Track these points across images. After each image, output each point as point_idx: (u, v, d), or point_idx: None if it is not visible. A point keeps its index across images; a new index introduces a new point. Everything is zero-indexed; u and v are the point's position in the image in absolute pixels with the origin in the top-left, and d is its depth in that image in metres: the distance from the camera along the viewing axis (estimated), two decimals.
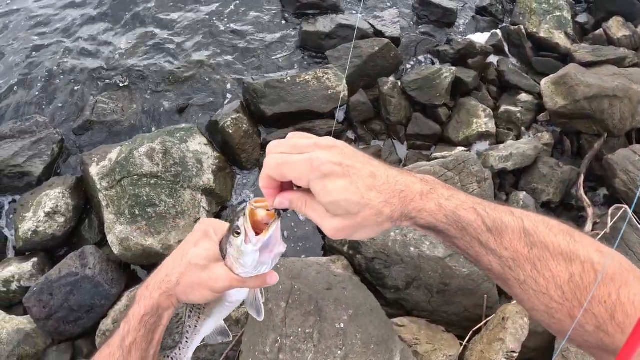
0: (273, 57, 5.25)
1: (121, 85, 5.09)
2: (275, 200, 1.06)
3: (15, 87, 5.21)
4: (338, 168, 0.95)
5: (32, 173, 4.40)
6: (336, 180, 0.94)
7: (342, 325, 3.08)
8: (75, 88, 5.11)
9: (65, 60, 5.33)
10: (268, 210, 1.11)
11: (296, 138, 1.05)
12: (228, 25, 5.52)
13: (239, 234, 1.11)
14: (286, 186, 1.07)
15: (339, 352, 2.98)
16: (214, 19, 5.58)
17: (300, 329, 3.02)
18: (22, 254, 4.16)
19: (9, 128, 4.80)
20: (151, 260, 3.84)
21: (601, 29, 5.89)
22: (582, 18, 6.16)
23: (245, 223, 1.10)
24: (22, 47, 5.48)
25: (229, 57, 5.23)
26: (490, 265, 0.95)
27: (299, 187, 1.05)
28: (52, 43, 5.49)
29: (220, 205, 4.24)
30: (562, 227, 0.94)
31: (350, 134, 4.75)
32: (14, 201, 4.47)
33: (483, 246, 0.94)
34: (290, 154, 1.00)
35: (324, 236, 4.20)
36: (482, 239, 0.93)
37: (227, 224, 1.24)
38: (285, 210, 1.10)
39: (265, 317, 3.03)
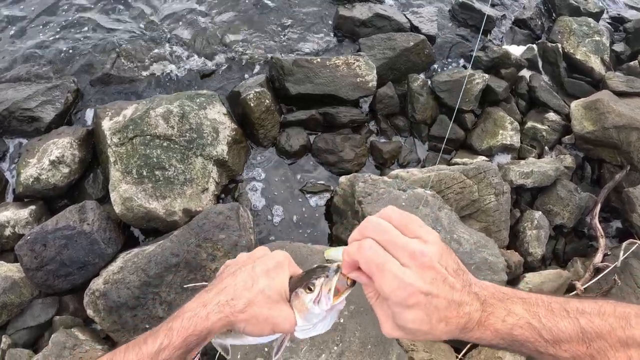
0: (304, 37, 5.12)
1: (145, 43, 4.97)
2: (354, 274, 1.02)
3: (38, 31, 5.10)
4: (423, 299, 0.92)
5: (43, 119, 4.29)
6: (416, 312, 0.93)
7: (341, 320, 2.97)
8: (99, 40, 4.99)
9: (93, 11, 5.21)
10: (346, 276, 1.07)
11: (395, 231, 0.98)
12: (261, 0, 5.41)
13: (311, 290, 1.09)
14: None
15: (335, 347, 2.87)
16: None
17: None
18: (20, 199, 4.06)
19: (25, 70, 4.72)
20: (152, 225, 3.73)
21: (636, 61, 5.76)
22: (618, 47, 6.03)
23: (324, 286, 1.08)
24: None
25: (259, 31, 5.11)
26: None
27: None
28: None
29: (230, 179, 4.13)
30: (617, 312, 0.94)
31: (373, 126, 4.63)
32: (20, 145, 4.37)
33: (542, 353, 0.96)
34: (384, 247, 0.95)
35: (331, 225, 4.09)
36: (540, 349, 0.95)
37: (299, 269, 1.20)
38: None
39: None
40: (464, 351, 3.40)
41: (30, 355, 3.47)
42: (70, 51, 4.91)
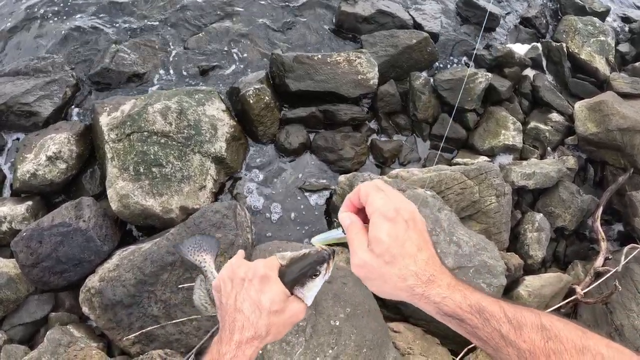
0: (305, 33, 5.08)
1: (145, 37, 4.92)
2: (342, 215, 1.17)
3: (37, 25, 5.06)
4: (402, 223, 1.07)
5: (41, 114, 4.26)
6: (394, 226, 1.06)
7: (337, 323, 2.93)
8: (98, 34, 4.96)
9: (93, 6, 5.17)
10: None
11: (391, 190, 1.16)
12: None
13: (317, 275, 1.27)
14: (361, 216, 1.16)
15: (330, 351, 2.83)
16: None
17: None
18: (17, 195, 4.04)
19: (24, 64, 4.68)
20: (148, 222, 3.69)
21: None
22: (624, 47, 5.97)
23: (327, 267, 1.28)
24: None
25: (259, 26, 5.06)
26: (508, 356, 0.99)
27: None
28: None
29: (228, 176, 4.09)
30: (575, 325, 0.99)
31: (373, 124, 4.58)
32: (17, 140, 4.34)
33: (503, 338, 0.98)
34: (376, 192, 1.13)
35: (329, 223, 4.05)
36: (503, 331, 0.98)
37: (271, 259, 1.31)
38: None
39: None
40: (460, 355, 3.36)
41: (25, 352, 3.45)
42: (70, 45, 4.87)
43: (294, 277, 1.26)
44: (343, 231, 1.18)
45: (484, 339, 1.00)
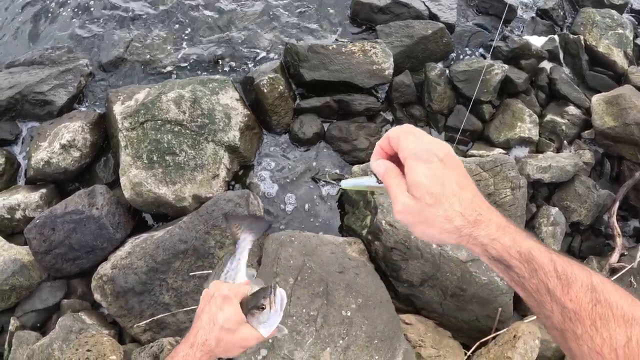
0: (320, 23, 5.03)
1: (160, 27, 4.92)
2: (374, 163, 1.14)
3: (52, 15, 5.08)
4: (438, 162, 1.02)
5: (55, 102, 4.28)
6: (430, 167, 1.01)
7: (348, 314, 2.91)
8: (113, 23, 4.95)
9: None
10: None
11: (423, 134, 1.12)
12: None
13: (263, 308, 1.47)
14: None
15: (341, 341, 2.81)
16: None
17: (304, 310, 2.85)
18: (32, 183, 4.05)
19: (39, 54, 4.71)
20: (161, 210, 3.69)
21: None
22: None
23: (274, 298, 1.49)
24: None
25: (274, 16, 5.03)
26: (551, 313, 0.94)
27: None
28: None
29: (242, 165, 4.07)
30: (625, 291, 0.93)
31: (388, 115, 4.54)
32: (32, 129, 4.36)
33: (549, 293, 0.93)
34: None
35: (342, 215, 4.02)
36: (550, 285, 0.93)
37: (240, 286, 1.54)
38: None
39: None
40: (472, 348, 3.33)
41: (37, 338, 3.47)
42: (84, 35, 4.88)
43: (248, 307, 1.49)
44: (378, 180, 1.14)
45: (529, 290, 0.96)
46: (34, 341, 3.44)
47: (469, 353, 3.32)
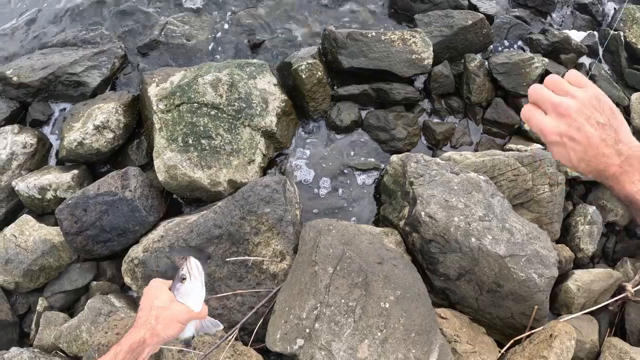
0: (358, 10, 4.94)
1: (196, 10, 4.86)
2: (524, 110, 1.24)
3: None
4: (558, 139, 1.15)
5: (88, 84, 4.25)
6: (558, 148, 1.16)
7: (387, 306, 2.83)
8: (147, 5, 4.91)
9: None
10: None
11: (546, 91, 1.21)
12: None
13: (184, 279, 1.80)
14: None
15: (379, 333, 2.74)
16: None
17: (343, 300, 2.78)
18: (63, 164, 4.04)
19: (72, 35, 4.69)
20: (195, 195, 3.64)
21: None
22: None
23: (190, 268, 1.82)
24: None
25: (312, 2, 4.94)
26: None
27: None
28: None
29: (277, 151, 4.01)
30: None
31: (426, 105, 4.45)
32: (64, 110, 4.33)
33: None
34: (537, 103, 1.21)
35: (379, 205, 3.95)
36: None
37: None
38: None
39: (308, 280, 2.83)
40: (506, 346, 3.25)
41: (65, 319, 3.46)
42: (119, 16, 4.84)
43: (174, 284, 1.82)
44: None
45: None
46: (62, 322, 3.43)
47: (502, 351, 3.23)
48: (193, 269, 1.82)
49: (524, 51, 4.81)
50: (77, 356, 3.21)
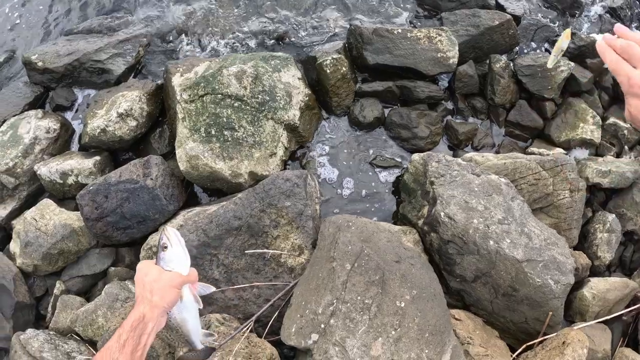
0: (384, 6, 4.92)
1: (221, 1, 4.86)
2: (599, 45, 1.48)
3: None
4: None
5: (113, 71, 4.29)
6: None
7: (402, 305, 2.82)
8: None
9: None
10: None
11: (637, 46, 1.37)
12: None
13: (166, 247, 1.99)
14: None
15: (393, 332, 2.73)
16: None
17: (359, 298, 2.78)
18: (85, 150, 4.07)
19: (97, 23, 4.72)
20: (216, 185, 3.65)
21: None
22: None
23: (168, 236, 2.02)
24: None
25: None
26: None
27: None
28: None
29: (299, 145, 4.02)
30: None
31: (450, 104, 4.42)
32: (88, 96, 4.37)
33: None
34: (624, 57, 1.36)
35: (398, 203, 3.95)
36: None
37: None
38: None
39: (325, 275, 2.83)
40: (518, 351, 3.23)
41: (82, 303, 3.49)
42: (145, 5, 4.86)
43: (157, 256, 2.01)
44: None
45: None
46: (78, 306, 3.46)
47: (514, 355, 3.22)
48: (172, 236, 1.99)
49: (550, 54, 4.76)
50: (92, 340, 3.24)
